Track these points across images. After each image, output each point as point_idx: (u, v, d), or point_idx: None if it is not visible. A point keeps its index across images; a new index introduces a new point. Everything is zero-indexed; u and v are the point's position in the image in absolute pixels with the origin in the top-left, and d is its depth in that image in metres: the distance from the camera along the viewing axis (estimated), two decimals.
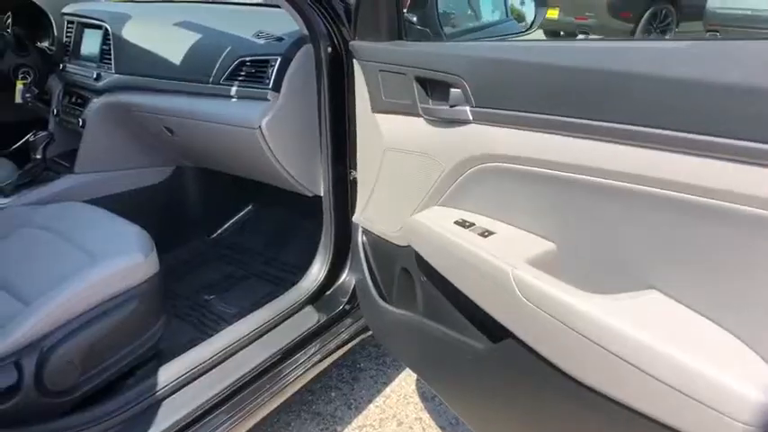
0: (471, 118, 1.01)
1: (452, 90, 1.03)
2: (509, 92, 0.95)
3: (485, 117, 0.99)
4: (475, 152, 1.02)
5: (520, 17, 1.90)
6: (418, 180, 1.17)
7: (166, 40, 1.70)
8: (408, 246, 1.21)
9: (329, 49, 1.39)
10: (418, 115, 1.14)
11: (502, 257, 0.92)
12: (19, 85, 1.98)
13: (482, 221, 1.04)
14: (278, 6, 1.46)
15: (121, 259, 1.26)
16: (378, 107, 1.27)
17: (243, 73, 1.50)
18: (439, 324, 1.18)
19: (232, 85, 1.51)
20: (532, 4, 1.75)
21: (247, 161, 1.62)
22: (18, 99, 1.98)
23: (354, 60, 1.32)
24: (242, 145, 1.54)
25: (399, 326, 1.32)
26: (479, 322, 1.06)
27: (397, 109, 1.21)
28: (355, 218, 1.45)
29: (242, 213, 2.19)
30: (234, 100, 1.51)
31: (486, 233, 1.00)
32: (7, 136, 2.35)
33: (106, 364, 1.20)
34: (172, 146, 1.81)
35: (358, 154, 1.41)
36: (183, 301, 1.78)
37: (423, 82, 1.12)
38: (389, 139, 1.25)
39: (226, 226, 2.17)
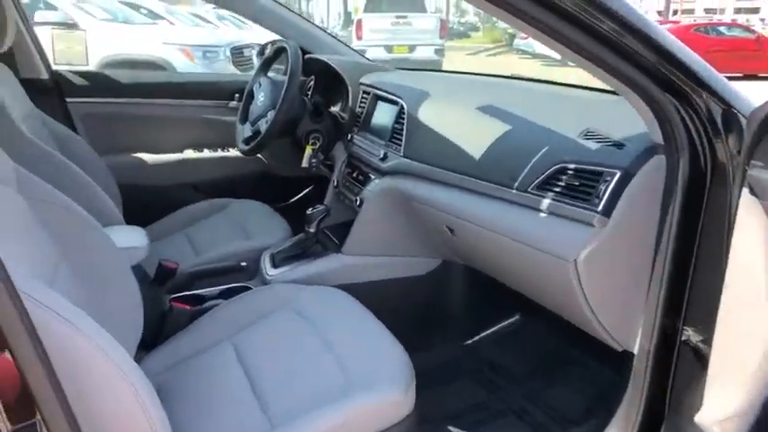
0: None
1: None
2: None
3: None
4: None
5: None
6: None
7: (466, 127, 1.46)
8: None
9: (689, 167, 0.98)
10: None
11: None
12: (308, 150, 1.96)
13: None
14: (615, 93, 1.11)
15: (379, 393, 1.05)
16: None
17: (561, 183, 1.17)
18: None
19: (544, 197, 1.18)
20: None
21: (544, 291, 1.28)
22: (304, 163, 1.97)
23: (746, 193, 0.88)
24: (543, 273, 1.21)
25: None
26: None
27: None
28: (699, 418, 0.99)
29: (505, 323, 1.85)
30: (543, 216, 1.18)
31: None
32: (288, 189, 2.43)
33: None
34: (449, 243, 1.57)
35: (720, 314, 0.96)
36: (425, 428, 1.49)
37: None
38: None
39: (485, 334, 1.85)
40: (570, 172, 1.16)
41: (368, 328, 1.28)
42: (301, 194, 2.43)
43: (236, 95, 2.29)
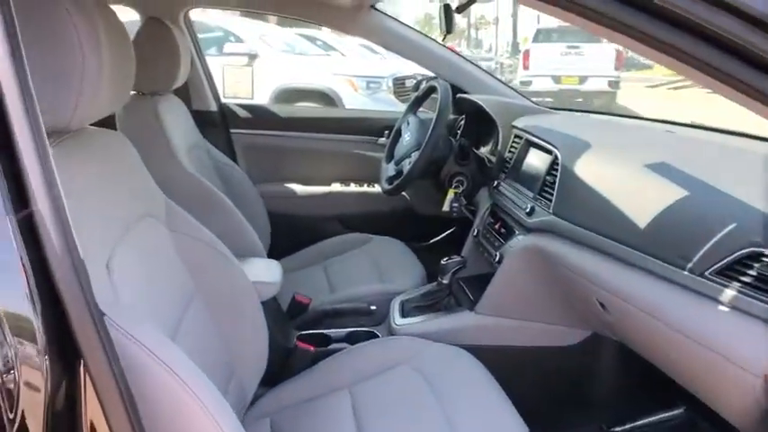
0: None
1: None
2: None
3: None
4: None
5: None
6: None
7: (631, 187, 1.24)
8: None
9: None
10: None
11: None
12: (450, 194, 1.86)
13: None
14: None
15: None
16: None
17: (751, 273, 0.92)
18: None
19: (727, 287, 0.94)
20: None
21: (717, 397, 1.03)
22: (446, 207, 1.87)
23: None
24: (718, 379, 0.97)
25: None
26: None
27: None
28: None
29: (665, 415, 1.56)
30: (724, 311, 0.94)
31: None
32: (429, 229, 2.35)
33: None
34: (599, 317, 1.35)
35: None
36: None
37: None
38: None
39: (638, 424, 1.58)
40: (766, 260, 0.91)
41: (490, 399, 1.21)
42: (442, 236, 2.34)
43: (386, 132, 2.28)
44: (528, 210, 1.47)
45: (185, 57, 1.72)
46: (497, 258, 1.54)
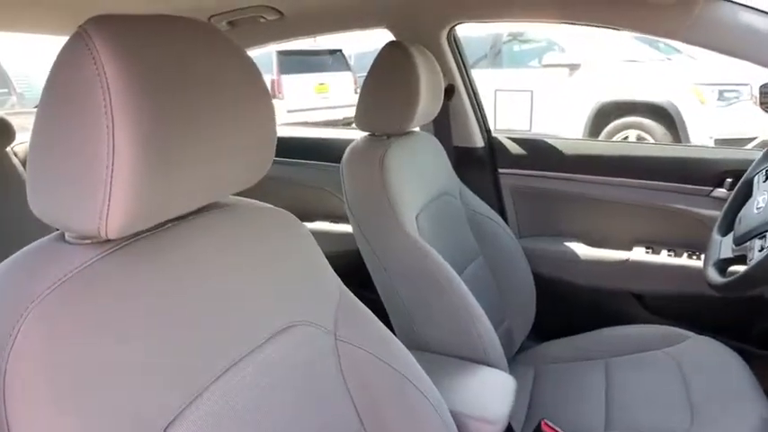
0: None
1: None
2: None
3: None
4: None
5: None
6: None
7: None
8: None
9: None
10: None
11: None
12: None
13: None
14: None
15: None
16: None
17: None
18: None
19: None
20: None
21: None
22: None
23: None
24: None
25: None
26: None
27: None
28: None
29: None
30: None
31: None
32: None
33: None
34: None
35: None
36: None
37: None
38: None
39: None
40: None
41: None
42: None
43: (728, 181, 1.51)
44: None
45: (431, 88, 1.35)
46: None
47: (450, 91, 1.67)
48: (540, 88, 4.66)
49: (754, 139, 4.42)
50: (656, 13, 1.29)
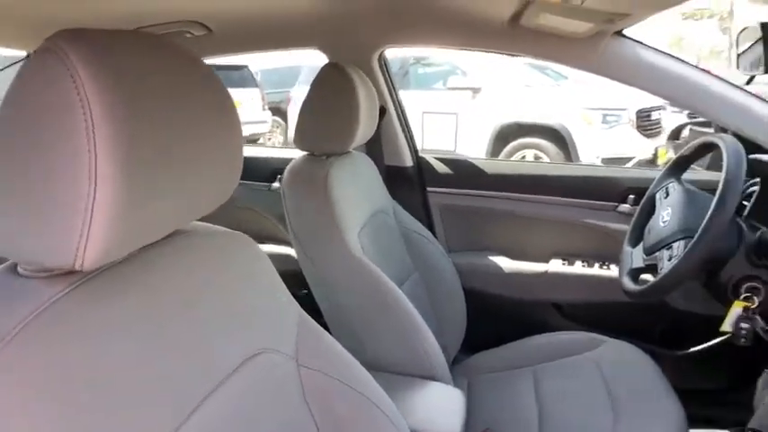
0: None
1: None
2: None
3: None
4: None
5: None
6: None
7: None
8: None
9: None
10: None
11: None
12: (736, 308, 1.20)
13: None
14: None
15: None
16: None
17: None
18: None
19: None
20: None
21: None
22: (727, 326, 1.21)
23: None
24: None
25: None
26: None
27: None
28: None
29: None
30: None
31: None
32: (688, 332, 1.66)
33: None
34: None
35: None
36: None
37: None
38: None
39: None
40: None
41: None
42: (706, 345, 1.63)
43: (632, 197, 1.67)
44: None
45: (369, 109, 1.39)
46: None
47: (382, 112, 1.72)
48: (446, 110, 4.89)
49: (633, 158, 4.91)
50: (571, 46, 1.42)
